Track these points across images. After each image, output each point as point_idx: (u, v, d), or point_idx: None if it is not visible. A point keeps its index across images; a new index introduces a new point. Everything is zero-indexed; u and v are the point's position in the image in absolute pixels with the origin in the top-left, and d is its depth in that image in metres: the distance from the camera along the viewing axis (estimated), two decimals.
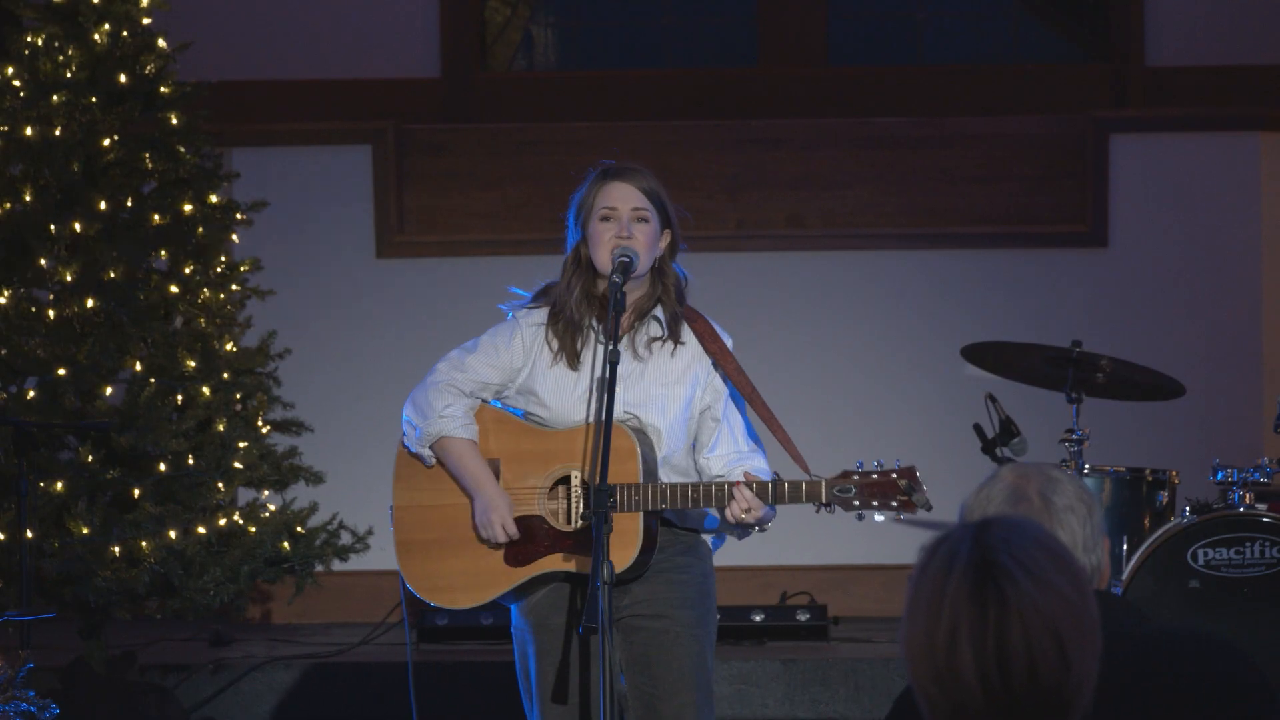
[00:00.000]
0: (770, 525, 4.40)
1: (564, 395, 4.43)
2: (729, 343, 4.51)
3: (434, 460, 4.51)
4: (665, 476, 4.39)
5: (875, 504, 4.26)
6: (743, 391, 4.45)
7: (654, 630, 4.41)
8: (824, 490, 4.25)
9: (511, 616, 4.53)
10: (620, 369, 4.39)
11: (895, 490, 4.26)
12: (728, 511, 4.26)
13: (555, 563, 4.40)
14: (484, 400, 4.52)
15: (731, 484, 4.26)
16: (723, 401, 4.48)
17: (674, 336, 4.47)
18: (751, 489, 4.23)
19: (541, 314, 4.51)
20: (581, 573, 4.33)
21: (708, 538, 4.55)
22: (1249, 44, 8.19)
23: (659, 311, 4.48)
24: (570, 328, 4.45)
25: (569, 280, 4.48)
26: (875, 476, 4.26)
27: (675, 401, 4.44)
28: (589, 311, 4.46)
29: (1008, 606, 2.09)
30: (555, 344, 4.46)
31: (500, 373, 4.49)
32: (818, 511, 4.34)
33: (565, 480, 4.42)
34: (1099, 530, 2.80)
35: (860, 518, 4.30)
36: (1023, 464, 2.92)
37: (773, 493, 4.26)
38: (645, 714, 4.42)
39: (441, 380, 4.50)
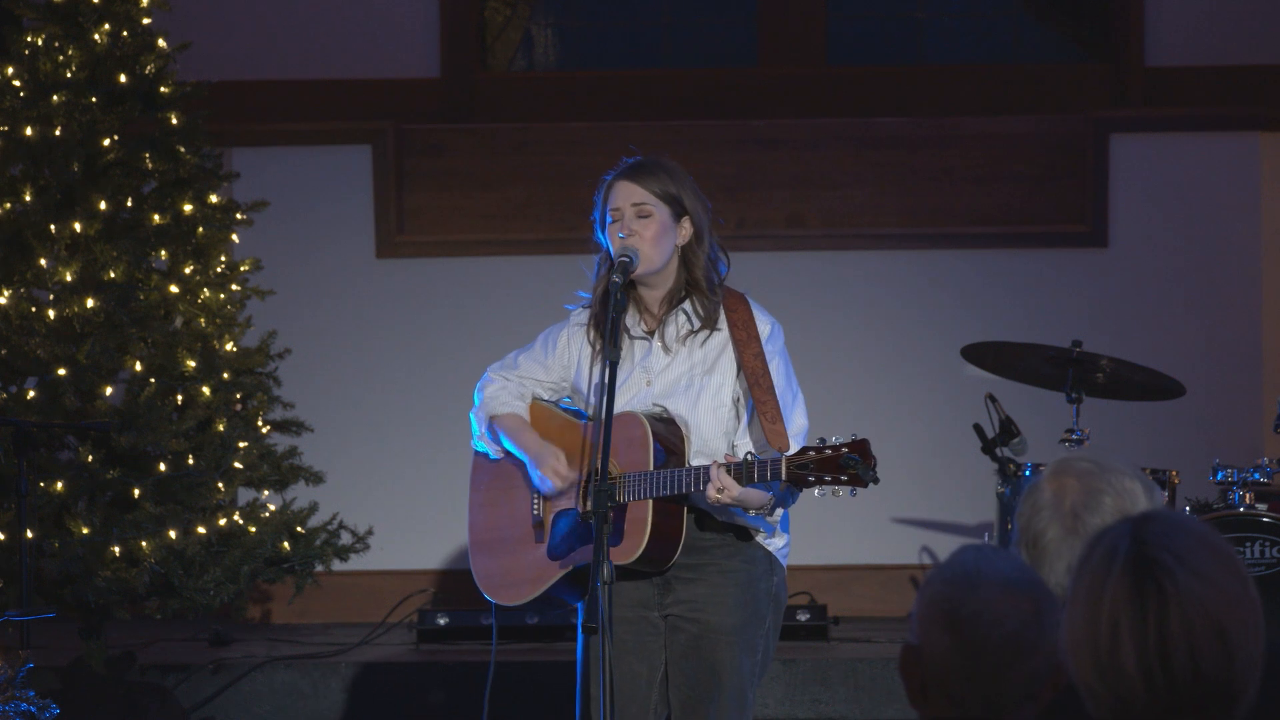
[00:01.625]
0: (778, 510, 4.40)
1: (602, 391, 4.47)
2: (766, 329, 4.49)
3: (500, 452, 4.60)
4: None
5: (828, 479, 4.15)
6: (750, 375, 4.42)
7: (691, 633, 4.44)
8: (784, 468, 4.19)
9: (579, 610, 4.58)
10: (648, 361, 4.44)
11: (839, 466, 4.16)
12: (706, 493, 4.24)
13: (589, 555, 4.41)
14: (537, 396, 4.61)
15: (710, 466, 4.25)
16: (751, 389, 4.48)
17: (708, 324, 4.47)
18: (729, 471, 4.21)
19: (586, 314, 4.59)
20: (615, 563, 4.27)
21: (773, 549, 4.53)
22: (1249, 44, 8.19)
23: (687, 303, 4.49)
24: (604, 326, 4.49)
25: (601, 281, 4.53)
26: (829, 451, 4.17)
27: (706, 391, 4.44)
28: (623, 310, 4.49)
29: (1167, 601, 2.11)
30: (598, 344, 4.51)
31: (548, 370, 4.60)
32: (782, 488, 4.28)
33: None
34: None
35: (820, 494, 4.19)
36: (1069, 464, 2.86)
37: (744, 472, 4.22)
38: (680, 714, 4.44)
39: (490, 378, 4.63)
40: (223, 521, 6.51)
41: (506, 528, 4.59)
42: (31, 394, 6.41)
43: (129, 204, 6.59)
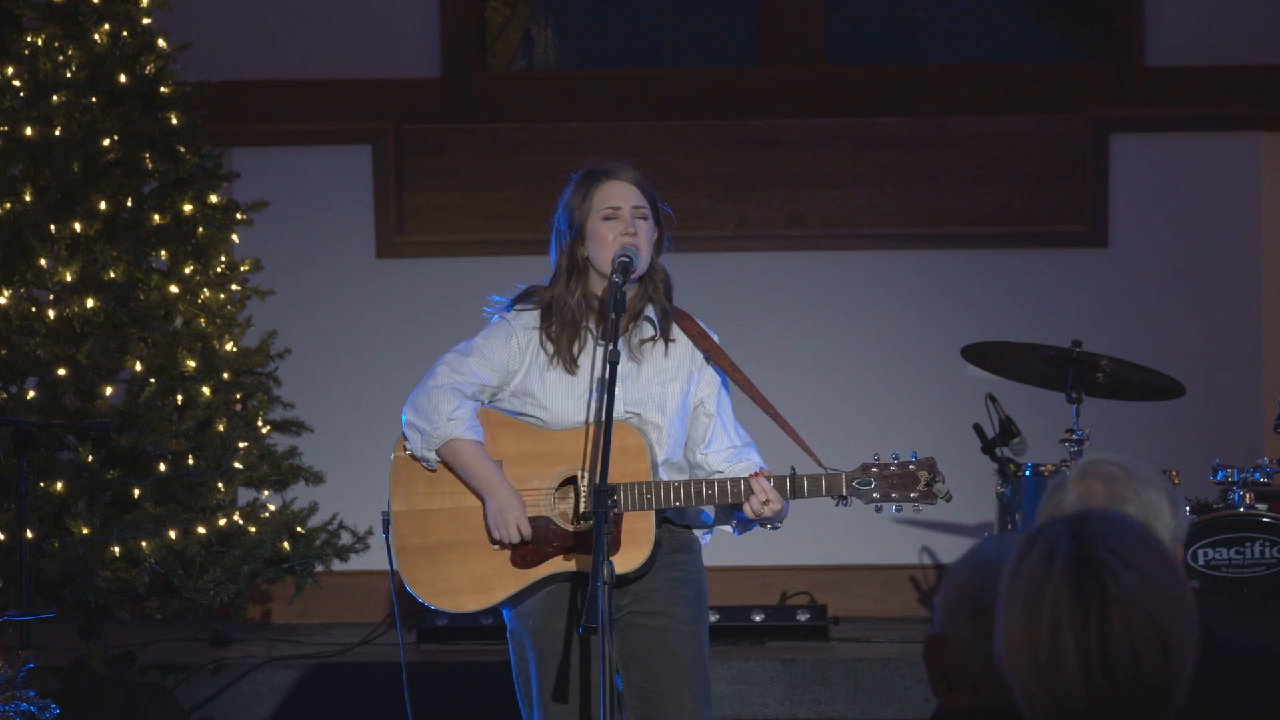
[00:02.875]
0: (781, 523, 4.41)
1: (564, 397, 4.42)
2: (716, 339, 4.51)
3: (437, 464, 4.47)
4: (664, 475, 4.38)
5: (894, 496, 4.24)
6: (743, 387, 4.44)
7: (654, 628, 4.40)
8: (844, 483, 4.24)
9: (506, 620, 4.50)
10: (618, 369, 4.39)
11: (915, 482, 4.25)
12: (746, 506, 4.24)
13: (561, 564, 4.39)
14: (482, 403, 4.51)
15: (748, 479, 4.25)
16: (715, 397, 4.48)
17: (665, 334, 4.47)
18: (770, 482, 4.22)
19: (533, 316, 4.49)
20: (586, 572, 4.29)
21: (699, 533, 4.54)
22: (1249, 44, 8.19)
23: (650, 311, 4.48)
24: (566, 330, 4.43)
25: (567, 283, 4.46)
26: (894, 468, 4.25)
27: (672, 399, 4.43)
28: (588, 313, 4.46)
29: (1109, 601, 2.10)
30: (550, 347, 4.44)
31: (497, 375, 4.48)
32: (836, 504, 4.30)
33: (571, 481, 4.41)
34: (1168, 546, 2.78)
35: (879, 510, 4.27)
36: (1098, 468, 2.88)
37: (791, 487, 4.24)
38: (645, 711, 4.40)
39: (443, 383, 4.47)
40: (223, 521, 6.51)
41: (449, 533, 4.46)
42: (31, 394, 6.41)
43: (129, 204, 6.59)
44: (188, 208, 6.67)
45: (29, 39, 6.60)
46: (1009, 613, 2.14)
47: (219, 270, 6.78)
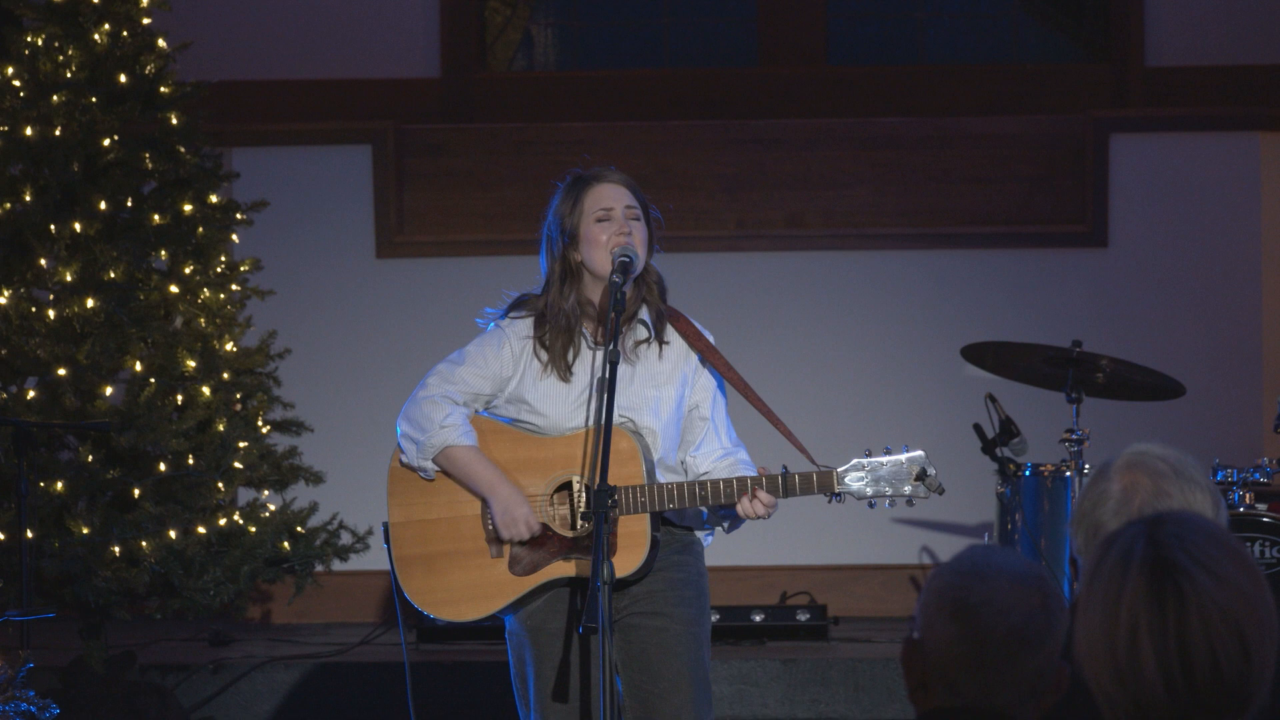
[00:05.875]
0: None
1: (559, 403, 4.41)
2: (711, 338, 4.50)
3: (435, 473, 4.46)
4: (661, 478, 4.38)
5: (888, 491, 4.23)
6: (737, 386, 4.43)
7: (653, 629, 4.40)
8: (835, 480, 4.24)
9: (506, 622, 4.50)
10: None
11: (907, 476, 4.23)
12: (739, 507, 4.24)
13: (560, 569, 4.38)
14: (476, 410, 4.50)
15: (749, 479, 4.24)
16: (710, 399, 4.47)
17: (659, 336, 4.46)
18: (762, 484, 4.23)
19: (526, 325, 4.48)
20: (585, 576, 4.29)
21: (701, 535, 4.54)
22: (1249, 44, 8.19)
23: (644, 313, 4.47)
24: (560, 337, 4.42)
25: (561, 289, 4.44)
26: (886, 463, 4.23)
27: (667, 402, 4.43)
28: (583, 319, 4.45)
29: (1187, 603, 2.10)
30: (544, 355, 4.43)
31: (490, 382, 4.47)
32: (829, 502, 4.31)
33: (567, 486, 4.40)
34: None
35: (872, 505, 4.26)
36: (1145, 460, 2.88)
37: (783, 485, 4.23)
38: (643, 713, 4.40)
39: (434, 393, 4.47)
40: (223, 521, 6.51)
41: (447, 542, 4.46)
42: (31, 394, 6.41)
43: (129, 204, 6.59)
44: (188, 208, 6.67)
45: (29, 39, 6.60)
46: (1087, 616, 2.15)
47: (219, 270, 6.78)
